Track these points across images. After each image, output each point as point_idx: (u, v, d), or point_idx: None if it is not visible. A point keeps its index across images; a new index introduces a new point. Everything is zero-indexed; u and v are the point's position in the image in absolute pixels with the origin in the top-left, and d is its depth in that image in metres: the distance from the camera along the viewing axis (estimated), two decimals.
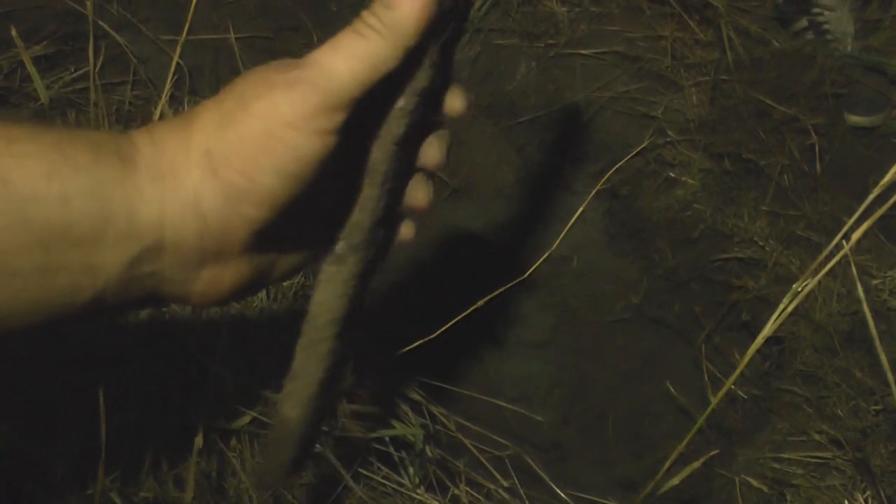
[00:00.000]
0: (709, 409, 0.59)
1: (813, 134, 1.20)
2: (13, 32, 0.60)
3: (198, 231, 0.37)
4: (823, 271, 0.49)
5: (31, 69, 0.66)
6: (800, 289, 0.50)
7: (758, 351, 0.94)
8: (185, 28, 0.69)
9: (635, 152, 1.20)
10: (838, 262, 0.63)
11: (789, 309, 0.51)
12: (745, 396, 1.05)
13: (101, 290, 0.36)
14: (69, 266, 0.35)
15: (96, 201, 0.35)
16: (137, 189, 0.36)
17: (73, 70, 0.96)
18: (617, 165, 1.03)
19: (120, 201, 0.36)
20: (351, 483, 0.68)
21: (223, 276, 0.39)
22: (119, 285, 0.37)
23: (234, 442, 0.73)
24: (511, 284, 0.78)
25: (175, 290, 0.39)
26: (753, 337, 1.14)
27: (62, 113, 0.88)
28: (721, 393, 0.60)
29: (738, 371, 0.59)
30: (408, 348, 0.79)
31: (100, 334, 0.70)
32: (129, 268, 0.36)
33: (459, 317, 0.75)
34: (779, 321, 0.52)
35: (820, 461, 0.90)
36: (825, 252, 0.49)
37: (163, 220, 0.36)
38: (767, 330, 0.52)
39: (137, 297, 0.38)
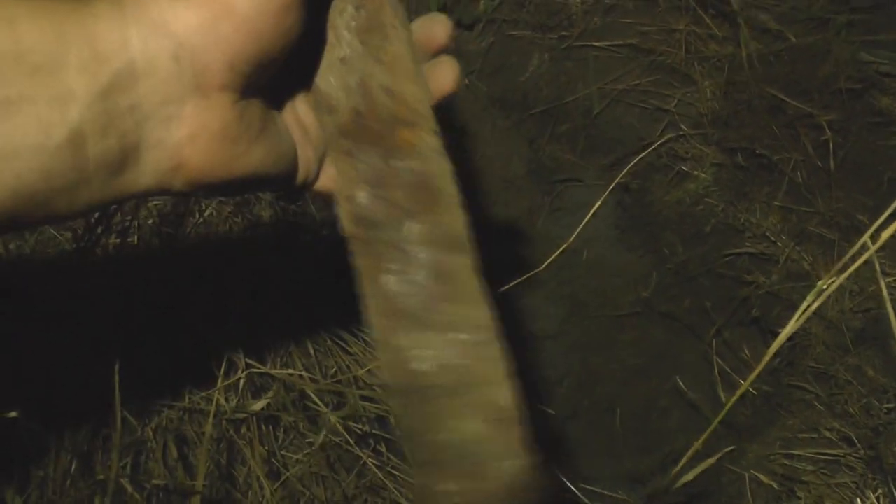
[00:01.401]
0: (724, 410, 0.58)
1: (827, 130, 1.19)
2: None
3: (172, 51, 0.35)
4: (851, 269, 0.48)
5: None
6: (825, 286, 0.49)
7: (768, 348, 0.94)
8: None
9: (648, 146, 1.19)
10: (851, 259, 0.62)
11: (813, 307, 0.50)
12: (756, 393, 1.04)
13: (77, 126, 0.33)
14: (33, 97, 0.32)
15: (48, 23, 0.33)
16: (92, 11, 0.34)
17: None
18: (635, 160, 1.03)
19: (75, 24, 0.33)
20: (369, 463, 0.68)
21: (209, 120, 0.37)
22: (95, 123, 0.34)
23: (244, 429, 0.73)
24: (527, 276, 0.78)
25: (161, 136, 0.36)
26: (764, 333, 1.14)
27: None
28: (738, 394, 0.60)
29: (756, 372, 0.58)
30: None
31: (111, 314, 0.70)
32: (101, 97, 0.34)
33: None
34: (802, 319, 0.51)
35: (831, 458, 0.89)
36: (852, 251, 0.49)
37: (128, 41, 0.34)
38: (790, 328, 0.51)
39: (121, 151, 0.35)
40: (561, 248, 0.80)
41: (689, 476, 0.70)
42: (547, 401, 1.17)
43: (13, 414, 0.44)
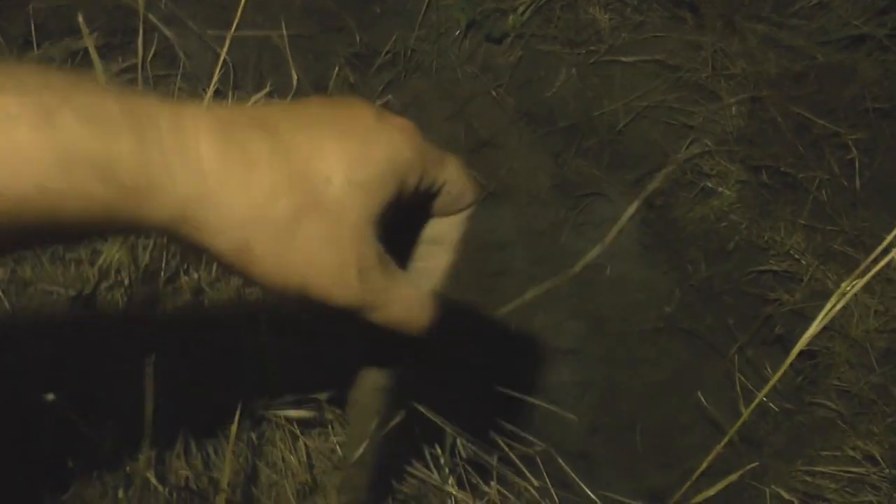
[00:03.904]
0: (741, 420, 0.58)
1: (853, 149, 1.19)
2: (80, 19, 0.62)
3: None
4: (872, 273, 0.48)
5: (94, 56, 0.68)
6: (848, 288, 0.49)
7: (791, 365, 0.93)
8: (235, 23, 0.71)
9: (673, 162, 1.20)
10: (875, 279, 0.62)
11: (837, 307, 0.50)
12: (777, 409, 1.04)
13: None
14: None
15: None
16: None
17: (120, 61, 0.98)
18: (658, 176, 1.03)
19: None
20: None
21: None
22: None
23: (268, 429, 0.73)
24: (552, 285, 0.78)
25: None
26: (787, 351, 1.13)
27: None
28: (754, 404, 0.60)
29: (773, 381, 0.58)
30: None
31: (143, 315, 0.71)
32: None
33: (508, 308, 0.75)
34: (825, 321, 0.51)
35: (854, 476, 0.88)
36: (878, 267, 0.48)
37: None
38: (812, 330, 0.51)
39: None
40: (584, 260, 0.80)
41: (711, 492, 0.70)
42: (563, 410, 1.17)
43: (50, 396, 0.45)
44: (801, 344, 0.51)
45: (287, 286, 0.40)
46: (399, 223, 0.45)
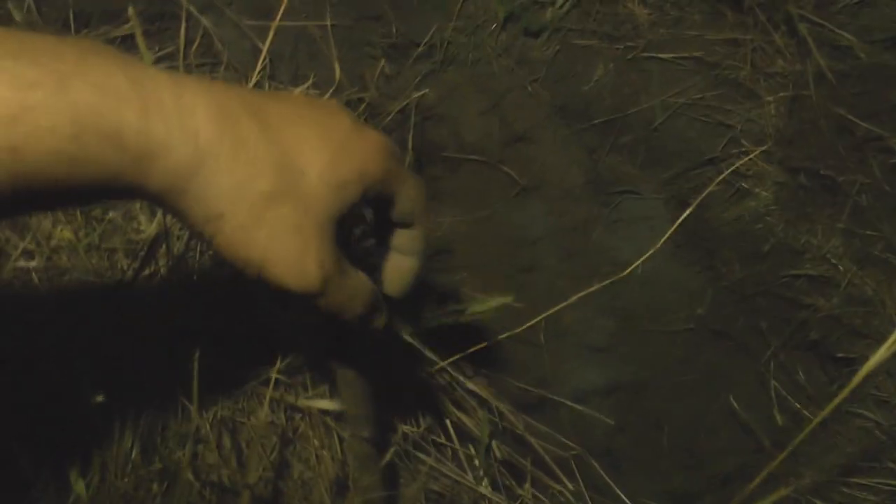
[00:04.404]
0: (797, 440, 0.57)
1: None
2: (130, 10, 0.62)
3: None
4: None
5: (143, 46, 0.67)
6: None
7: (825, 372, 0.92)
8: (280, 13, 0.70)
9: (709, 161, 1.18)
10: None
11: None
12: (812, 418, 1.02)
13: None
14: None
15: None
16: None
17: (157, 49, 0.97)
18: (696, 175, 1.01)
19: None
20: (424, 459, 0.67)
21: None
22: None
23: (301, 423, 0.73)
24: (598, 287, 0.78)
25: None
26: (821, 357, 1.12)
27: None
28: (809, 428, 0.59)
29: (830, 407, 0.57)
30: (475, 348, 0.79)
31: (178, 304, 0.71)
32: None
33: (542, 316, 0.75)
34: (886, 355, 0.50)
35: (894, 490, 0.87)
36: None
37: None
38: (874, 362, 0.50)
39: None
40: (631, 267, 0.79)
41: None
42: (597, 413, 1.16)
43: (99, 398, 0.45)
44: (861, 374, 0.49)
45: (248, 262, 0.44)
46: (373, 231, 0.53)
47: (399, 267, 0.55)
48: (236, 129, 0.41)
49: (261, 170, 0.42)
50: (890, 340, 0.49)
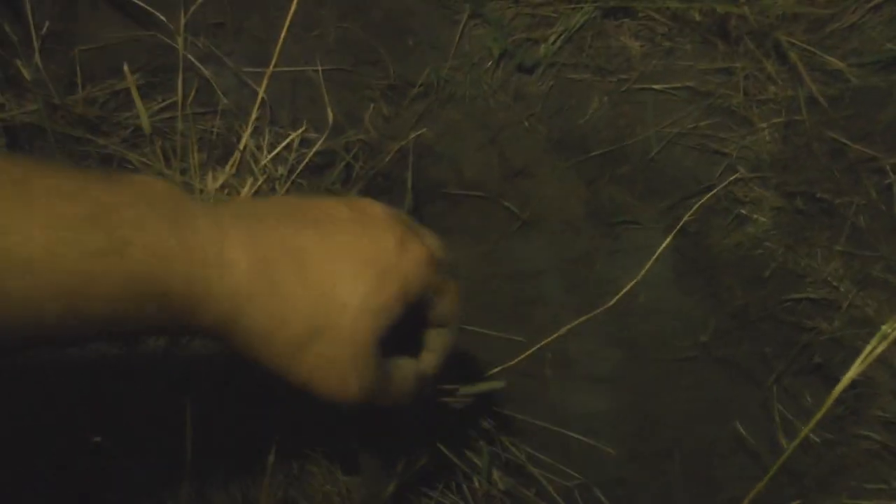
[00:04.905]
0: (784, 456, 0.58)
1: (891, 173, 1.18)
2: (125, 68, 0.65)
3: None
4: None
5: (138, 100, 0.70)
6: (890, 330, 0.49)
7: (830, 395, 0.92)
8: (273, 61, 0.72)
9: (707, 189, 1.19)
10: None
11: (877, 352, 0.50)
12: (819, 441, 1.02)
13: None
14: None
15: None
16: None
17: (160, 100, 1.00)
18: (696, 204, 1.02)
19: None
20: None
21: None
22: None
23: (307, 462, 0.74)
24: (592, 315, 0.78)
25: None
26: (826, 380, 1.12)
27: (150, 142, 0.92)
28: (798, 439, 0.59)
29: (816, 417, 0.57)
30: (477, 387, 0.79)
31: (182, 347, 0.72)
32: None
33: (543, 343, 0.75)
34: (864, 364, 0.51)
35: None
36: None
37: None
38: (852, 373, 0.51)
39: None
40: (625, 288, 0.80)
41: None
42: (604, 444, 1.16)
43: (97, 439, 0.47)
44: (841, 385, 0.50)
45: (292, 385, 0.47)
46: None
47: (421, 360, 0.57)
48: (274, 276, 0.44)
49: (296, 312, 0.45)
50: (865, 353, 0.50)
